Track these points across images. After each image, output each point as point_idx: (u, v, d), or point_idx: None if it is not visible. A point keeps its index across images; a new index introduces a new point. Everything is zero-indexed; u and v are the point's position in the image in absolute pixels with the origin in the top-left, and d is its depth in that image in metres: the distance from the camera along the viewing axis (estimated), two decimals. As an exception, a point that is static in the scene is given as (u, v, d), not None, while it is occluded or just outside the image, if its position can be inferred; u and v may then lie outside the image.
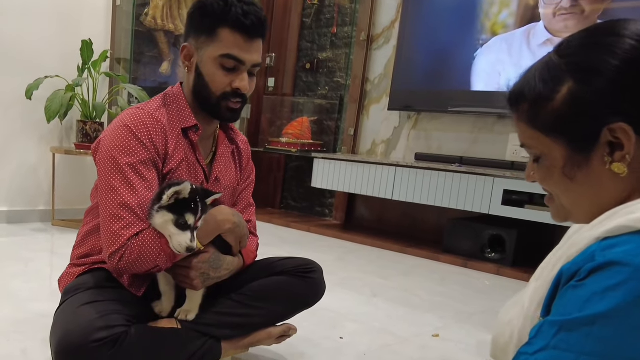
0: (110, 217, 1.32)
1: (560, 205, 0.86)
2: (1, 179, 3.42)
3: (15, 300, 2.06)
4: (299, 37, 4.94)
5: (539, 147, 0.84)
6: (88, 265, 1.49)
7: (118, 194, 1.32)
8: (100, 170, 1.37)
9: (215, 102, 1.44)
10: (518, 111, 0.86)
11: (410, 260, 3.52)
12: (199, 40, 1.42)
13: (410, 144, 4.20)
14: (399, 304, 2.52)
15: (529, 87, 0.83)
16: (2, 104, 3.34)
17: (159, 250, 1.30)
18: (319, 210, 4.87)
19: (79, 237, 1.56)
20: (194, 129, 1.47)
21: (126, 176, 1.33)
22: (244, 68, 1.42)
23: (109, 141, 1.37)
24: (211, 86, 1.42)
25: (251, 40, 1.40)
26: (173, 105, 1.47)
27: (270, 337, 1.56)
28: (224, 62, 1.39)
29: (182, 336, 1.39)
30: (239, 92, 1.43)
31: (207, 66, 1.42)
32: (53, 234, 3.31)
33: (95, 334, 1.22)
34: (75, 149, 3.44)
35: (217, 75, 1.41)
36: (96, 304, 1.31)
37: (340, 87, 4.68)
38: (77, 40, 3.40)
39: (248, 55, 1.40)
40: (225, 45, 1.38)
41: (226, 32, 1.38)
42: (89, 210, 1.56)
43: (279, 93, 5.04)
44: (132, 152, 1.35)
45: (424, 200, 3.60)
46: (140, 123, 1.38)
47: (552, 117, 0.81)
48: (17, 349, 1.61)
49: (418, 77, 4.00)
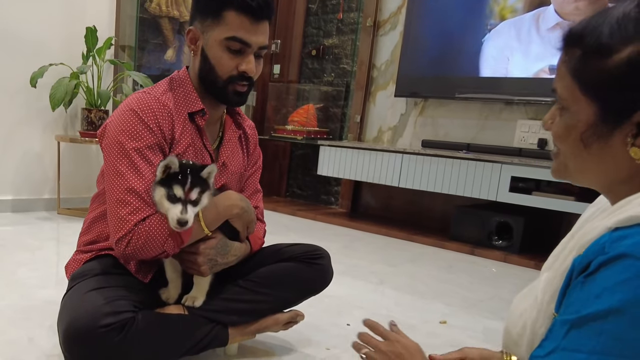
0: (117, 202, 1.31)
1: (564, 164, 0.83)
2: (6, 168, 3.41)
3: (22, 287, 2.06)
4: (304, 23, 4.91)
5: (569, 100, 0.78)
6: (95, 251, 1.48)
7: (124, 178, 1.31)
8: (107, 155, 1.36)
9: (221, 85, 1.42)
10: (567, 53, 0.78)
11: (417, 248, 3.50)
12: (205, 23, 1.40)
13: (417, 130, 4.17)
14: (406, 291, 2.51)
15: (592, 34, 0.74)
16: (6, 92, 3.33)
17: (165, 236, 1.29)
18: (325, 198, 4.85)
19: (86, 223, 1.55)
20: (201, 114, 1.45)
21: (133, 161, 1.32)
22: (250, 50, 1.39)
23: (115, 126, 1.36)
24: (217, 69, 1.41)
25: (257, 22, 1.37)
26: (179, 90, 1.45)
27: (278, 323, 1.55)
28: (230, 44, 1.37)
29: (190, 322, 1.39)
30: (246, 75, 1.41)
31: (212, 49, 1.40)
32: (59, 223, 3.31)
33: (102, 320, 1.21)
34: (80, 137, 3.42)
35: (223, 59, 1.39)
36: (103, 290, 1.31)
37: (347, 73, 4.64)
38: (82, 27, 3.38)
39: (254, 37, 1.38)
40: (231, 28, 1.36)
41: (232, 14, 1.35)
42: (95, 196, 1.55)
43: (284, 80, 5.01)
44: (138, 136, 1.34)
45: (430, 188, 3.58)
46: (147, 107, 1.36)
47: (598, 76, 0.74)
48: (25, 336, 1.61)
49: (425, 63, 3.96)
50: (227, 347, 1.53)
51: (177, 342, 1.36)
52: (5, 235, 2.89)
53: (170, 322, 1.36)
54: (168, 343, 1.34)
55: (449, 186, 3.49)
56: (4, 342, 1.55)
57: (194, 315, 1.40)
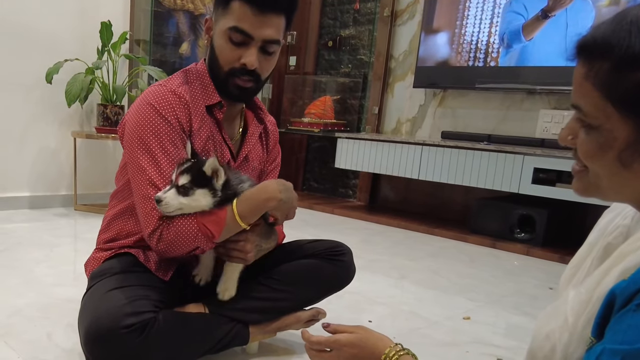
0: (142, 197, 1.30)
1: (593, 183, 0.76)
2: (23, 164, 3.42)
3: (40, 285, 2.05)
4: (320, 14, 4.85)
5: (600, 118, 0.69)
6: (115, 249, 1.46)
7: (146, 173, 1.29)
8: (128, 150, 1.35)
9: (223, 77, 1.39)
10: (590, 66, 0.69)
11: (438, 242, 3.45)
12: (217, 12, 1.37)
13: (436, 122, 4.11)
14: (428, 286, 2.46)
15: (621, 42, 0.65)
16: (22, 88, 3.32)
17: (195, 231, 1.26)
18: (343, 192, 4.81)
19: (105, 221, 1.53)
20: (218, 106, 1.42)
21: (153, 155, 1.30)
22: (253, 43, 1.34)
23: (133, 121, 1.35)
24: (219, 60, 1.37)
25: (263, 13, 1.31)
26: (196, 82, 1.42)
27: (299, 321, 1.53)
28: (232, 35, 1.33)
29: (210, 321, 1.37)
30: (247, 69, 1.35)
31: (218, 39, 1.37)
32: (76, 219, 3.30)
33: (124, 320, 1.20)
34: (96, 132, 3.41)
35: (225, 49, 1.36)
36: (124, 289, 1.29)
37: (364, 64, 4.58)
38: (96, 22, 3.36)
39: (258, 30, 1.32)
40: (234, 18, 1.32)
41: (237, 4, 1.31)
42: (114, 193, 1.53)
43: (300, 72, 4.97)
44: (157, 130, 1.32)
45: (450, 180, 3.52)
46: (164, 100, 1.34)
47: (636, 90, 0.65)
48: (43, 333, 1.60)
49: (444, 53, 3.89)
50: (247, 345, 1.51)
51: (198, 341, 1.34)
52: (22, 232, 2.89)
53: (191, 322, 1.34)
54: (189, 343, 1.33)
55: (470, 178, 3.43)
56: (24, 341, 1.54)
57: (215, 314, 1.39)
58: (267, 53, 1.37)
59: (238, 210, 1.28)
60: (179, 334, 1.30)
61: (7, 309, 1.77)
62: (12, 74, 3.27)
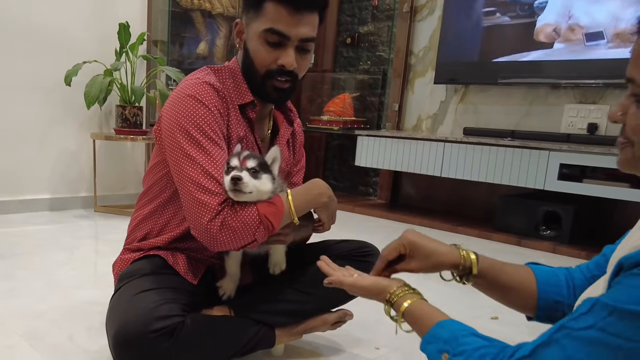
0: (195, 186, 1.24)
1: (636, 157, 0.78)
2: (43, 167, 3.43)
3: (62, 288, 2.04)
4: (338, 11, 4.82)
5: None
6: (144, 250, 1.44)
7: (197, 162, 1.25)
8: (171, 143, 1.30)
9: (260, 80, 1.36)
10: None
11: (461, 239, 3.39)
12: (248, 15, 1.34)
13: (458, 118, 4.05)
14: (454, 285, 2.38)
15: None
16: (41, 91, 3.33)
17: (257, 222, 1.24)
18: (363, 190, 4.77)
19: (135, 221, 1.50)
20: (251, 106, 1.40)
21: (201, 144, 1.26)
22: (290, 43, 1.31)
23: (173, 114, 1.30)
24: (256, 63, 1.35)
25: (298, 12, 1.29)
26: (229, 81, 1.39)
27: (326, 323, 1.51)
28: (268, 37, 1.30)
29: (237, 324, 1.36)
30: (285, 70, 1.33)
31: (252, 42, 1.34)
32: (96, 221, 3.30)
33: (152, 325, 1.18)
34: (115, 134, 3.41)
35: (261, 52, 1.33)
36: (152, 292, 1.27)
37: (383, 61, 4.54)
38: (114, 23, 3.35)
39: (294, 30, 1.29)
40: (269, 19, 1.29)
41: (270, 5, 1.28)
42: (143, 194, 1.50)
43: (318, 69, 4.94)
44: (201, 118, 1.28)
45: (474, 177, 3.47)
46: (204, 91, 1.31)
47: None
48: (65, 336, 1.59)
49: (465, 48, 3.83)
50: (273, 347, 1.48)
51: (225, 345, 1.33)
52: (43, 235, 2.89)
53: (218, 325, 1.33)
54: (216, 346, 1.31)
55: (494, 175, 3.37)
56: (48, 345, 1.54)
57: (241, 317, 1.37)
58: (304, 51, 1.36)
59: (295, 204, 1.28)
60: (207, 338, 1.28)
61: (31, 312, 1.77)
62: (31, 76, 3.28)
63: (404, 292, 0.99)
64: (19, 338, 1.56)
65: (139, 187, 3.81)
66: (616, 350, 0.62)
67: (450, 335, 0.85)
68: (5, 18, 3.13)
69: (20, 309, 1.79)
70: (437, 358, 0.84)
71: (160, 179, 1.42)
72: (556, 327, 0.70)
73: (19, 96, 3.25)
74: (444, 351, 0.84)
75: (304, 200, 1.32)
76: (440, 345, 0.85)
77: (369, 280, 1.04)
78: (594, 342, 0.64)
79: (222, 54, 4.35)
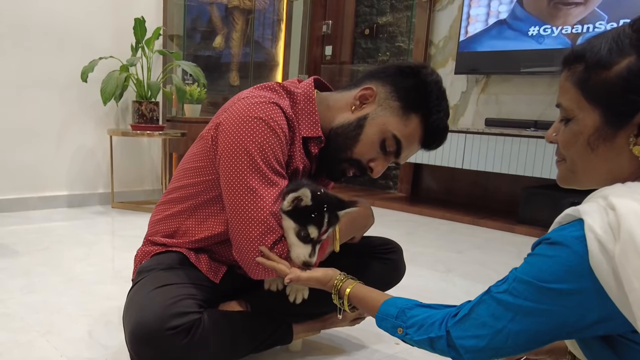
0: (249, 220, 1.20)
1: (571, 170, 0.89)
2: (61, 163, 3.43)
3: (80, 283, 2.03)
4: (356, 2, 4.76)
5: (575, 111, 0.86)
6: (167, 246, 1.39)
7: (257, 195, 1.19)
8: (230, 166, 1.22)
9: (339, 159, 1.33)
10: (570, 70, 0.87)
11: (484, 233, 3.32)
12: (390, 100, 1.28)
13: (480, 109, 3.97)
14: (476, 280, 2.35)
15: (592, 51, 0.84)
16: (58, 88, 3.33)
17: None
18: (382, 183, 4.71)
19: (160, 214, 1.43)
20: (317, 141, 1.33)
21: (266, 176, 1.20)
22: (392, 158, 1.32)
23: (241, 133, 1.22)
24: (355, 145, 1.30)
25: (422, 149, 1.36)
26: (299, 106, 1.32)
27: (344, 320, 1.47)
28: (389, 141, 1.28)
29: (254, 321, 1.33)
30: (366, 171, 1.33)
31: (373, 127, 1.29)
32: (113, 217, 3.29)
33: (169, 322, 1.15)
34: (132, 130, 3.39)
35: (371, 143, 1.29)
36: (170, 288, 1.23)
37: (403, 52, 4.47)
38: (129, 18, 3.33)
39: (405, 155, 1.32)
40: (404, 131, 1.28)
41: (415, 124, 1.28)
42: (174, 189, 1.41)
43: (337, 61, 4.88)
44: (270, 149, 1.21)
45: (496, 169, 3.39)
46: (276, 116, 1.23)
47: (601, 85, 0.82)
48: (85, 331, 1.59)
49: (486, 37, 3.74)
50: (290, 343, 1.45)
51: (243, 341, 1.30)
52: (62, 231, 2.88)
53: (235, 322, 1.30)
54: (234, 343, 1.28)
55: (517, 166, 3.29)
56: (67, 339, 1.53)
57: (258, 313, 1.34)
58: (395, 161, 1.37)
59: (340, 238, 1.30)
60: (224, 335, 1.25)
61: (49, 307, 1.76)
62: (48, 74, 3.27)
63: (346, 278, 1.15)
64: (37, 333, 1.55)
65: (155, 183, 3.82)
66: (519, 306, 0.82)
67: (397, 311, 0.99)
68: (21, 16, 3.13)
69: (38, 305, 1.78)
70: (394, 333, 0.99)
71: (201, 183, 1.34)
72: (485, 291, 0.88)
73: (36, 94, 3.25)
74: (397, 326, 0.98)
75: (348, 234, 1.34)
76: (392, 321, 0.99)
77: (320, 272, 1.17)
78: (506, 302, 0.83)
79: (238, 47, 4.31)
